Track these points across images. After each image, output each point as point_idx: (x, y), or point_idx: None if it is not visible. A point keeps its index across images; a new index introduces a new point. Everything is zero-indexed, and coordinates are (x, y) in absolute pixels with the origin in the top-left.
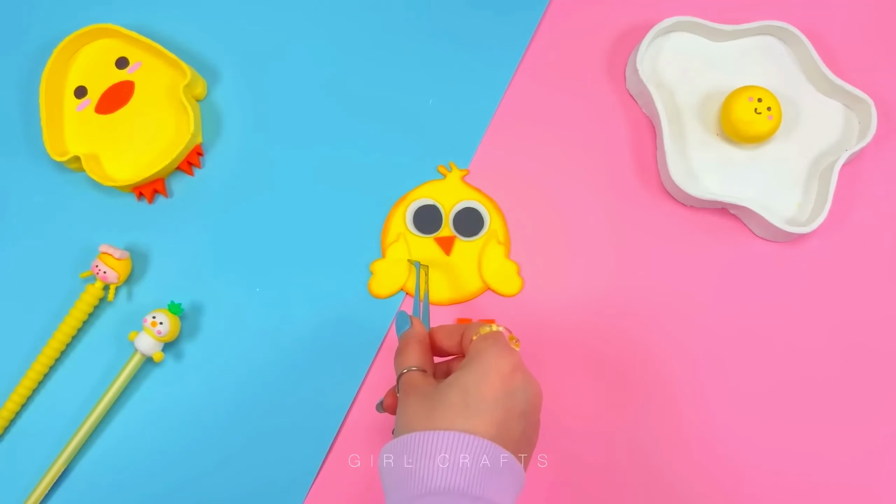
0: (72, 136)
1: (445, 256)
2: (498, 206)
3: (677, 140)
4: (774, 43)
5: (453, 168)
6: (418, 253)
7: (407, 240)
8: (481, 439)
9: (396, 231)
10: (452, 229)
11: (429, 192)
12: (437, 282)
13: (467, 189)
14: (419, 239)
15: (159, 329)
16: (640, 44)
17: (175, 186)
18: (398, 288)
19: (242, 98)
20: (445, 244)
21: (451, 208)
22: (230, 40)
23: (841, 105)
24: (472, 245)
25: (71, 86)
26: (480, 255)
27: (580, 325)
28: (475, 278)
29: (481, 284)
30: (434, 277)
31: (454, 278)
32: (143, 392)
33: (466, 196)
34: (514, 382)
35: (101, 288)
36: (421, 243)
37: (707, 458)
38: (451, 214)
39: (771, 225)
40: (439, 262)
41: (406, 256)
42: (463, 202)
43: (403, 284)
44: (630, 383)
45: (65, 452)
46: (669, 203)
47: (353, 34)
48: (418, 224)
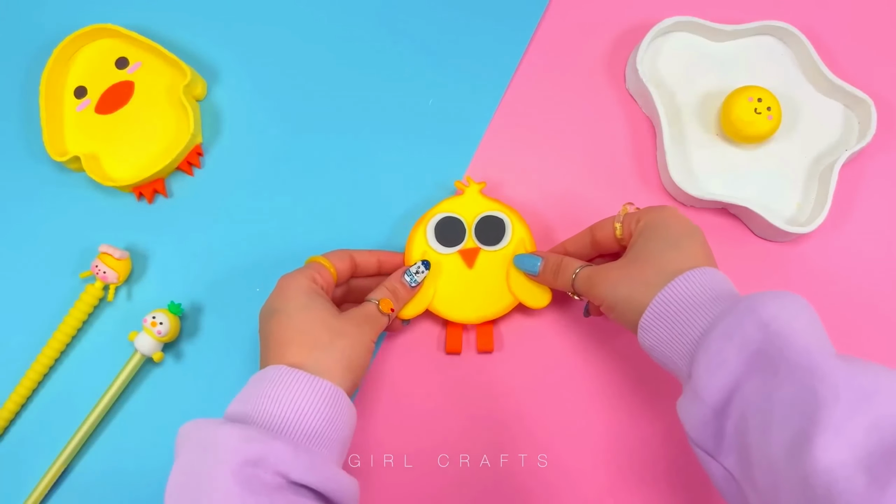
0: (72, 137)
1: (468, 270)
2: (520, 216)
3: (677, 140)
4: (774, 43)
5: (470, 182)
6: (443, 270)
7: (430, 257)
8: None
9: (420, 250)
10: (475, 240)
11: (449, 207)
12: (463, 301)
13: (487, 201)
14: (442, 256)
15: (159, 329)
16: (639, 44)
17: (175, 186)
18: (423, 308)
19: (242, 98)
20: (469, 256)
21: (474, 219)
22: (230, 40)
23: (841, 105)
24: (497, 255)
25: (71, 86)
26: (509, 266)
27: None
28: (502, 292)
29: (510, 298)
30: (458, 296)
31: (480, 294)
32: (142, 392)
33: (487, 207)
34: None
35: (100, 288)
36: (444, 260)
37: None
38: (473, 225)
39: (771, 225)
40: (463, 279)
41: (431, 275)
42: (484, 213)
43: (430, 304)
44: (632, 385)
45: (64, 452)
46: (669, 203)
47: (352, 34)
48: (441, 238)
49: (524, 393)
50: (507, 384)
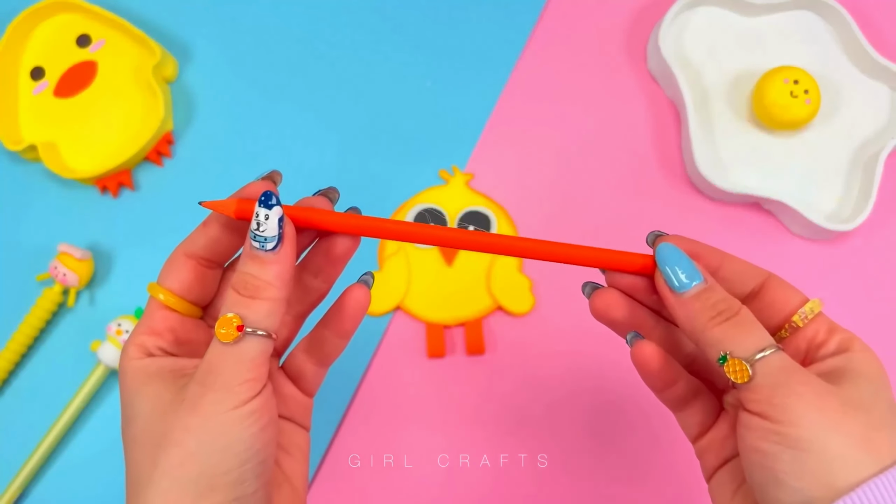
0: (27, 123)
1: (447, 268)
2: (507, 213)
3: (704, 127)
4: (813, 18)
5: (456, 172)
6: (419, 266)
7: (407, 252)
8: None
9: (395, 244)
10: None
11: (431, 197)
12: (438, 301)
13: (473, 195)
14: (420, 251)
15: (125, 338)
16: (662, 19)
17: (142, 178)
18: (394, 305)
19: (217, 80)
20: (449, 253)
21: (457, 214)
22: (204, 16)
23: (887, 88)
24: (479, 254)
25: (26, 66)
26: (490, 268)
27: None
28: (482, 294)
29: (489, 301)
30: (434, 295)
31: (458, 294)
32: (106, 409)
33: (472, 202)
34: None
35: (59, 292)
36: (422, 256)
37: None
38: (455, 220)
39: (809, 221)
40: (441, 277)
41: (405, 269)
42: (469, 207)
43: (401, 302)
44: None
45: (19, 476)
46: (695, 197)
47: (341, 7)
48: None
49: (524, 392)
50: (507, 383)
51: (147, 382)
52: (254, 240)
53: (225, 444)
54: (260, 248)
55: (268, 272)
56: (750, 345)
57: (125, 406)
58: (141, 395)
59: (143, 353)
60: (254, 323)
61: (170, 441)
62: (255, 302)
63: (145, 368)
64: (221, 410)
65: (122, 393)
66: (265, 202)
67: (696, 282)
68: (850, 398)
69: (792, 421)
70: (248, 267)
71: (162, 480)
